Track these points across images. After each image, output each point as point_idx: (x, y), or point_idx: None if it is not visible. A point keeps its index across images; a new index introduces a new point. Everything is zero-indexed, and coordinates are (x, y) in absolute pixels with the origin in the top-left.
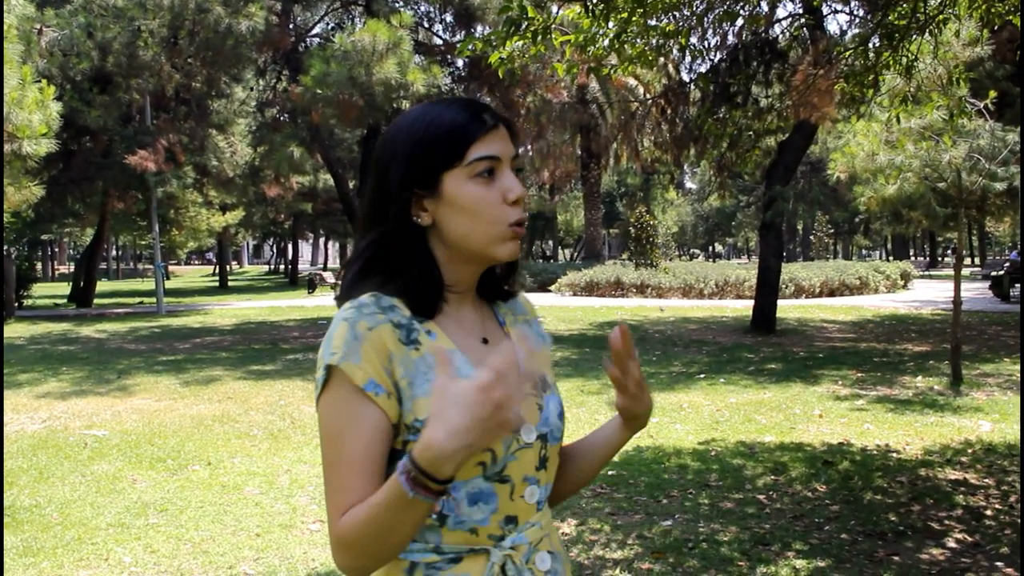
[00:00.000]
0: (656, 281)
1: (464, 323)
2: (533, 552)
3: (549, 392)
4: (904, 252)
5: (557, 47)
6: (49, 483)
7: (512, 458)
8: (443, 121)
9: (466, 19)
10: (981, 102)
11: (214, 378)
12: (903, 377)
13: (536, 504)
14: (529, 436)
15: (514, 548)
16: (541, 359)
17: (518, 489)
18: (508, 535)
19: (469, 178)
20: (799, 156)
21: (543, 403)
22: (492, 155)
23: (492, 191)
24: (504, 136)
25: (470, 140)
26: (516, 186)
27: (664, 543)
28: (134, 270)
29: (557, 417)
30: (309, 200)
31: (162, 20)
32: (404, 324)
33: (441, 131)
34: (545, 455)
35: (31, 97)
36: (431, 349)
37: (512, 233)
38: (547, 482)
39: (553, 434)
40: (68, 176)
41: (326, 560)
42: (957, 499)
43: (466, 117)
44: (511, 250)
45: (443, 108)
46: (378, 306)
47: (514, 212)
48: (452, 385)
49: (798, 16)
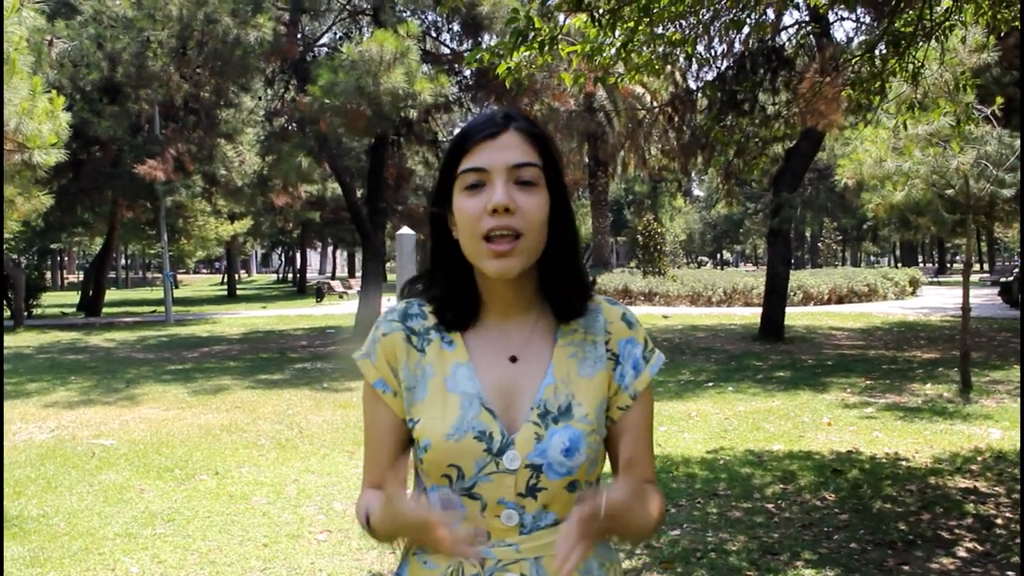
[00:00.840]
0: (664, 289)
1: (500, 338)
2: (500, 570)
3: (563, 424)
4: (913, 259)
5: (564, 57)
6: (57, 493)
7: (485, 479)
8: (456, 136)
9: (473, 28)
10: (988, 108)
11: (222, 387)
12: (912, 384)
13: (517, 528)
14: (512, 463)
15: (480, 560)
16: (580, 386)
17: (491, 509)
18: (478, 546)
19: (460, 191)
20: (806, 163)
21: (545, 434)
22: (476, 167)
23: (477, 203)
24: (505, 144)
25: (462, 152)
26: (497, 194)
27: (672, 553)
28: (143, 279)
29: (562, 452)
30: (317, 209)
31: (171, 31)
32: (420, 332)
33: (450, 146)
34: (536, 484)
35: (41, 107)
36: (433, 359)
37: (487, 248)
38: (535, 511)
39: (552, 467)
40: (78, 186)
41: (333, 570)
42: (967, 508)
43: (470, 129)
44: (493, 267)
45: (468, 122)
46: (403, 314)
47: (488, 222)
48: (415, 508)
49: (804, 24)
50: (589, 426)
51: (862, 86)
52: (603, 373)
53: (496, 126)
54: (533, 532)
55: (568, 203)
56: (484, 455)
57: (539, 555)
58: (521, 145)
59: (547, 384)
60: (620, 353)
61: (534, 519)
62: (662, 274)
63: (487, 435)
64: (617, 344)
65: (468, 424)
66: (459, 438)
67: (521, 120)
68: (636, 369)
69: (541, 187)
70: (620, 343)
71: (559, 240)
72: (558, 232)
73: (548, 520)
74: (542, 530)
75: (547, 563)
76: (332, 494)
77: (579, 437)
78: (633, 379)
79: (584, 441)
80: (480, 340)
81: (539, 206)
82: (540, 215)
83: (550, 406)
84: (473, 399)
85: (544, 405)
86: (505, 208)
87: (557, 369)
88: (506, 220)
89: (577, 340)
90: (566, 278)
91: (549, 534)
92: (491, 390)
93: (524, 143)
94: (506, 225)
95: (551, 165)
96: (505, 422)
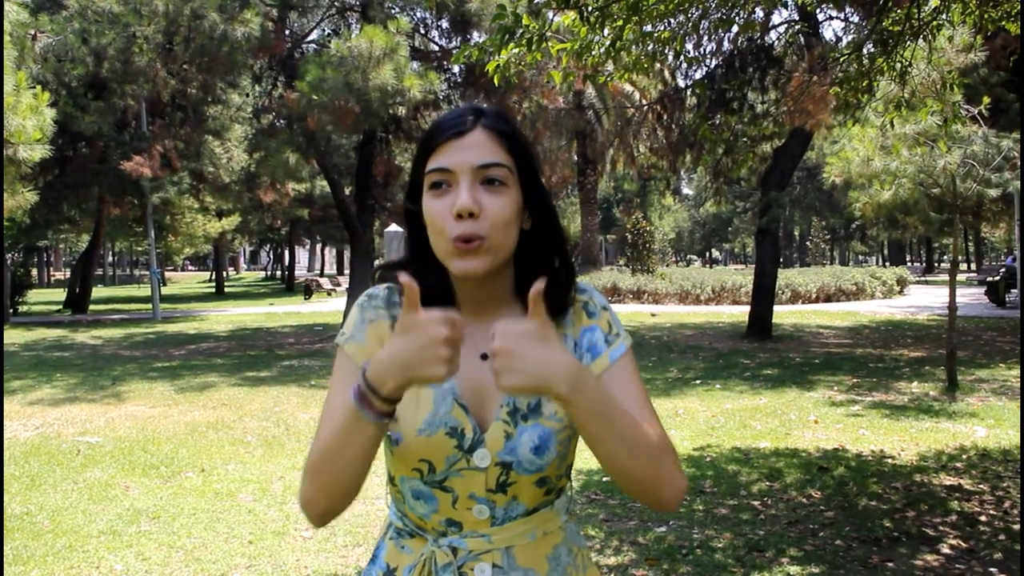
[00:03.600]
0: (653, 287)
1: (473, 335)
2: (472, 560)
3: (532, 422)
4: (900, 258)
5: (554, 55)
6: (41, 490)
7: (456, 474)
8: (425, 132)
9: (462, 25)
10: (975, 108)
11: (209, 384)
12: (898, 383)
13: (489, 520)
14: (482, 461)
15: (453, 549)
16: None
17: (462, 502)
18: (450, 535)
19: (427, 190)
20: (795, 162)
21: (515, 432)
22: (440, 167)
23: (443, 204)
24: (472, 144)
25: (430, 151)
26: (462, 198)
27: (658, 550)
28: (130, 276)
29: (531, 450)
30: (306, 206)
31: (157, 26)
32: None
33: (420, 143)
34: (505, 481)
35: (26, 103)
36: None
37: (455, 249)
38: (505, 504)
39: (522, 465)
40: (64, 182)
41: (319, 567)
42: (952, 505)
43: (438, 124)
44: (458, 267)
45: (439, 116)
46: (387, 301)
47: (456, 227)
48: (409, 317)
49: (793, 23)
50: (559, 423)
51: (850, 85)
52: None
53: (463, 125)
54: (505, 523)
55: (545, 198)
56: (455, 451)
57: (510, 544)
58: (488, 144)
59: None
60: (580, 343)
61: (505, 511)
62: (651, 272)
63: (459, 431)
64: (580, 333)
65: (440, 420)
66: (431, 433)
67: (491, 117)
68: (592, 352)
69: (510, 186)
70: (581, 332)
71: (536, 236)
72: (536, 228)
73: (519, 511)
74: (513, 521)
75: (517, 551)
76: None
77: (549, 435)
78: (589, 362)
79: (554, 439)
80: None
81: (505, 205)
82: (506, 215)
83: (519, 404)
84: (446, 394)
85: (513, 403)
86: (469, 213)
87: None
88: (470, 227)
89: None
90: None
91: (519, 525)
92: (464, 387)
93: (491, 141)
94: (470, 231)
95: (523, 162)
96: (477, 419)
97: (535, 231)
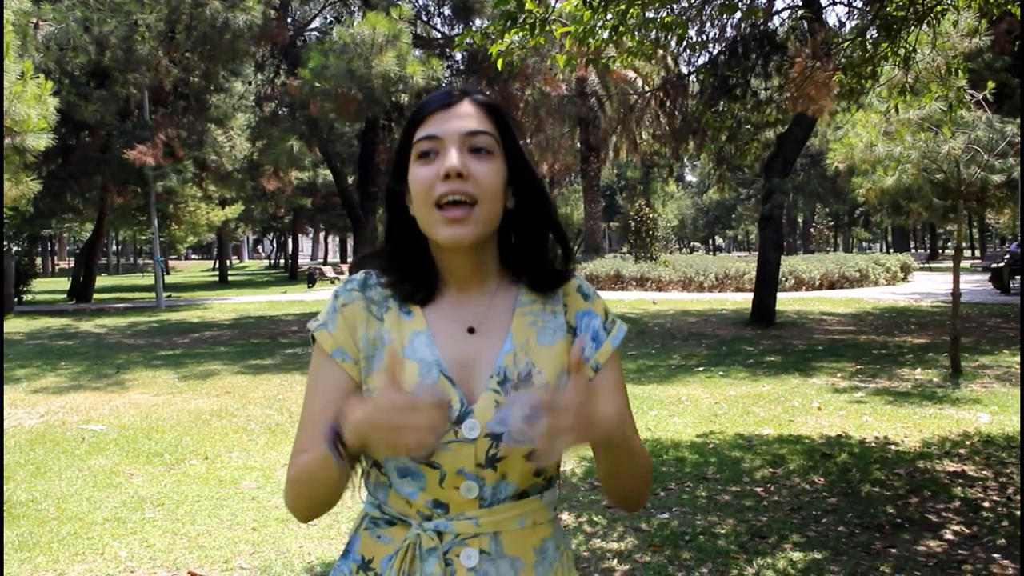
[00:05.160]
0: (656, 274)
1: (458, 309)
2: (459, 544)
3: (524, 391)
4: (904, 244)
5: (557, 39)
6: (46, 478)
7: (444, 448)
8: (412, 111)
9: (464, 12)
10: (980, 93)
11: (212, 372)
12: (902, 369)
13: (477, 500)
14: (471, 432)
15: (439, 533)
16: (540, 354)
17: (450, 479)
18: (436, 519)
19: (414, 160)
20: (798, 148)
21: (505, 401)
22: (429, 135)
23: (430, 170)
24: (460, 114)
25: (417, 123)
26: (450, 159)
27: (661, 536)
28: (134, 265)
29: (522, 420)
30: (308, 195)
31: (159, 14)
32: (378, 301)
33: (407, 121)
34: (495, 455)
35: (30, 92)
36: (391, 327)
37: (440, 216)
38: (495, 482)
39: (513, 436)
40: (67, 171)
41: (322, 554)
42: (955, 491)
43: (426, 101)
44: (445, 234)
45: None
46: (361, 284)
47: (440, 187)
48: (386, 388)
49: (797, 8)
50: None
51: (854, 70)
52: (563, 343)
53: (451, 97)
54: (493, 506)
55: (531, 172)
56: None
57: (498, 530)
58: (475, 114)
59: (506, 351)
60: (577, 325)
61: (493, 491)
62: (654, 259)
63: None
64: (574, 316)
65: (426, 391)
66: None
67: (477, 93)
68: (596, 340)
69: (496, 156)
70: (577, 315)
71: (523, 211)
72: (522, 203)
73: (507, 492)
74: (501, 503)
75: (505, 538)
76: None
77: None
78: (594, 351)
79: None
80: (438, 312)
81: (493, 173)
82: (494, 182)
83: (509, 373)
84: (432, 366)
85: (504, 372)
86: (458, 173)
87: (516, 337)
88: (458, 185)
89: (536, 310)
90: (537, 248)
91: (508, 509)
92: (450, 361)
93: (479, 112)
94: (459, 190)
95: (508, 136)
96: (464, 392)
97: (520, 208)
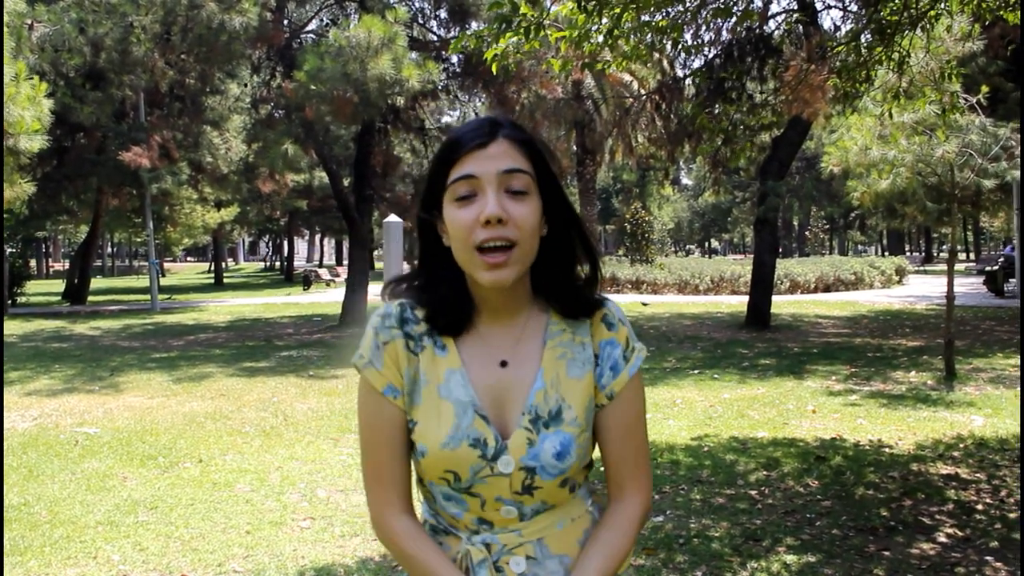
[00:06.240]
0: (651, 277)
1: (491, 341)
2: (507, 554)
3: (554, 429)
4: (900, 247)
5: (552, 43)
6: (39, 481)
7: (481, 481)
8: (443, 144)
9: (460, 15)
10: (973, 97)
11: (207, 375)
12: (896, 372)
13: (518, 518)
14: (506, 468)
15: (487, 545)
16: (569, 388)
17: (490, 505)
18: (482, 533)
19: (451, 201)
20: (793, 151)
21: (537, 439)
22: (466, 175)
23: (469, 213)
24: (495, 153)
25: (452, 162)
26: (490, 206)
27: (655, 539)
28: (129, 267)
29: (554, 456)
30: (304, 197)
31: (155, 16)
32: (416, 337)
33: (438, 154)
34: (531, 484)
35: (24, 93)
36: (427, 367)
37: (482, 260)
38: (533, 504)
39: (545, 469)
40: (62, 173)
41: (315, 557)
42: (948, 494)
43: (458, 136)
44: (488, 279)
45: (455, 129)
46: (399, 319)
47: (481, 233)
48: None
49: (792, 12)
50: (579, 428)
51: (848, 74)
52: (591, 375)
53: (484, 135)
54: (534, 518)
55: (564, 201)
56: (479, 461)
57: (541, 536)
58: (510, 152)
59: (537, 389)
60: (600, 355)
61: (533, 510)
62: (650, 262)
63: (482, 442)
64: (599, 345)
65: (463, 433)
66: (454, 447)
67: (509, 127)
68: (614, 370)
69: (532, 194)
70: (600, 344)
71: (552, 241)
72: (552, 234)
73: (546, 507)
74: (541, 515)
75: (549, 541)
76: (316, 481)
77: (570, 440)
78: (611, 379)
79: (575, 443)
80: (471, 345)
81: (530, 213)
82: (531, 222)
83: (540, 411)
84: (467, 407)
85: (535, 411)
86: (498, 220)
87: (547, 372)
88: (499, 231)
89: (565, 340)
90: (568, 274)
91: (547, 517)
92: (484, 396)
93: (513, 150)
94: (500, 236)
95: (542, 170)
96: (498, 426)
97: (551, 236)
